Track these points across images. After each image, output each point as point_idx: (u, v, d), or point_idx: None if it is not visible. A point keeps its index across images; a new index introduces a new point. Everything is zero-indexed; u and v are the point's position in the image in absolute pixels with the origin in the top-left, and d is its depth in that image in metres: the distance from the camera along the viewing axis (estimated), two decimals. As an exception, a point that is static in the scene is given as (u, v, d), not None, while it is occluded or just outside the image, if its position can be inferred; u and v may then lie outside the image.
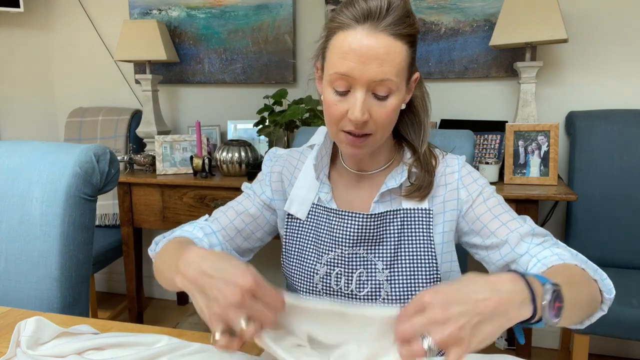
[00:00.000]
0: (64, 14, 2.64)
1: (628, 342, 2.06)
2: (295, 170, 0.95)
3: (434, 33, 2.10)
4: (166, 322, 2.45)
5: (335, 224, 0.88)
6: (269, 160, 0.99)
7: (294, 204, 0.92)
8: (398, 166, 0.88)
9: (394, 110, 0.78)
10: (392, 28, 0.73)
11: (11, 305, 1.06)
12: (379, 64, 0.73)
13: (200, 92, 2.53)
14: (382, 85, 0.74)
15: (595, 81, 1.99)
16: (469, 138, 1.26)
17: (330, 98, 0.77)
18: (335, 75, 0.75)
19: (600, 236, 1.85)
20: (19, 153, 1.12)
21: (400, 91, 0.78)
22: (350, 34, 0.74)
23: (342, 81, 0.75)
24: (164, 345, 0.72)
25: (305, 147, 0.98)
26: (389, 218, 0.87)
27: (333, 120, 0.79)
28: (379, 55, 0.73)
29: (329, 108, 0.78)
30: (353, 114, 0.74)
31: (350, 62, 0.73)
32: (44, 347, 0.73)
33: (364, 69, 0.73)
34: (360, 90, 0.74)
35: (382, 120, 0.77)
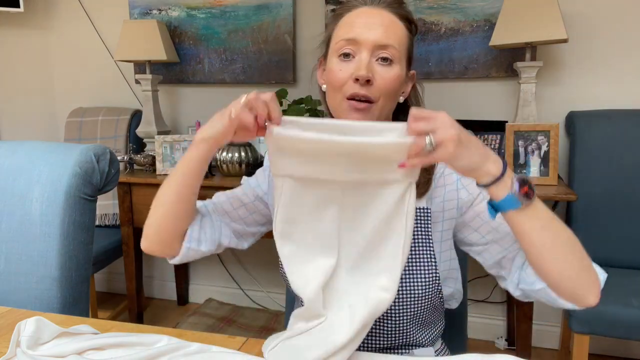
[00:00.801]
0: (64, 14, 2.65)
1: (628, 342, 2.06)
2: None
3: (434, 33, 2.10)
4: (166, 322, 2.45)
5: None
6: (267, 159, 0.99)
7: None
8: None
9: (396, 79, 0.81)
10: (393, 8, 0.82)
11: (11, 305, 1.06)
12: (383, 29, 0.79)
13: (200, 92, 2.53)
14: (385, 51, 0.79)
15: (595, 81, 1.99)
16: (469, 138, 1.26)
17: (335, 65, 0.82)
18: (342, 42, 0.81)
19: (601, 236, 1.85)
20: (19, 153, 1.12)
21: (402, 66, 0.82)
22: (355, 12, 0.82)
23: (348, 47, 0.80)
24: (164, 345, 0.72)
25: None
26: None
27: (337, 86, 0.82)
28: (383, 23, 0.80)
29: (333, 74, 0.82)
30: (359, 71, 0.78)
31: (357, 29, 0.80)
32: (44, 347, 0.73)
33: (369, 33, 0.79)
34: (365, 52, 0.79)
35: (384, 86, 0.80)
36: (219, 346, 0.75)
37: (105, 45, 2.60)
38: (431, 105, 0.88)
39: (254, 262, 2.57)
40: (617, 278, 1.66)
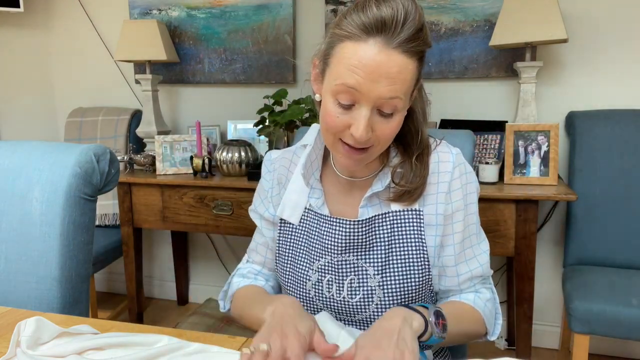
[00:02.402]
0: (64, 14, 2.65)
1: (628, 342, 2.06)
2: (289, 172, 0.93)
3: (434, 33, 2.10)
4: (166, 322, 2.45)
5: (324, 230, 0.87)
6: (267, 171, 0.97)
7: (286, 209, 0.91)
8: (385, 169, 0.86)
9: (397, 126, 0.75)
10: (406, 45, 0.69)
11: (11, 305, 1.06)
12: (389, 82, 0.69)
13: (200, 92, 2.53)
14: (389, 104, 0.71)
15: (595, 81, 1.99)
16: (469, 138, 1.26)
17: (332, 109, 0.73)
18: (342, 86, 0.70)
19: (600, 236, 1.85)
20: (19, 153, 1.12)
21: (405, 107, 0.76)
22: (360, 47, 0.69)
23: (348, 94, 0.71)
24: (164, 345, 0.72)
25: (299, 145, 0.95)
26: (378, 222, 0.84)
27: (332, 131, 0.75)
28: (390, 73, 0.68)
29: (329, 118, 0.74)
30: (357, 131, 0.71)
31: (359, 76, 0.69)
32: (44, 347, 0.73)
33: (373, 86, 0.69)
34: (366, 107, 0.71)
35: (384, 137, 0.75)
36: (219, 346, 0.75)
37: (105, 45, 2.60)
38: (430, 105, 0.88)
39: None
40: (617, 278, 1.66)
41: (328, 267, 0.86)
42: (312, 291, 0.88)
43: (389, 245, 0.84)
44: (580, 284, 1.62)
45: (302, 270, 0.89)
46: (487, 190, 1.68)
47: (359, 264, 0.85)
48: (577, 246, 1.88)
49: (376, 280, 0.84)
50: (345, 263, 0.86)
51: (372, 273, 0.84)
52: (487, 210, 1.68)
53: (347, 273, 0.85)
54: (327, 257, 0.86)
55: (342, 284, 0.85)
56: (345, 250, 0.85)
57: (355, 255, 0.85)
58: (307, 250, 0.89)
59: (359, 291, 0.85)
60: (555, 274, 2.14)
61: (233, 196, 1.94)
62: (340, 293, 0.86)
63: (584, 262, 1.87)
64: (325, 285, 0.86)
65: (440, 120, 2.09)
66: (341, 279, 0.86)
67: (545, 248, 2.14)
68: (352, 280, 0.85)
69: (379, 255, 0.84)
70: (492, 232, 1.68)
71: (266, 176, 0.97)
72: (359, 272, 0.85)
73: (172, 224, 2.06)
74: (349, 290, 0.85)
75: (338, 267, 0.86)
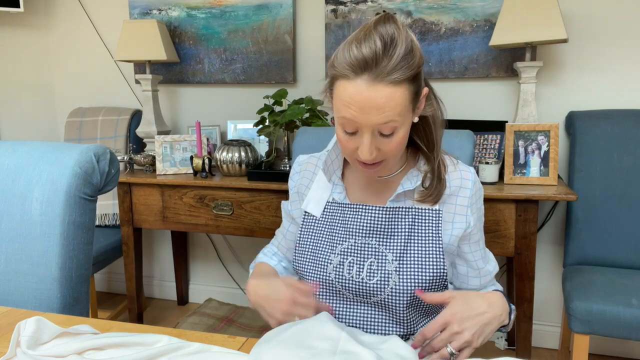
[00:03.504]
0: (64, 14, 2.65)
1: (628, 342, 2.07)
2: (313, 175, 1.02)
3: (434, 33, 2.10)
4: (166, 322, 2.45)
5: (349, 216, 0.94)
6: (294, 172, 1.07)
7: (310, 203, 1.00)
8: (412, 169, 0.93)
9: (402, 141, 0.82)
10: (390, 77, 0.74)
11: (11, 305, 1.06)
12: (379, 111, 0.76)
13: (200, 92, 2.53)
14: (386, 126, 0.78)
15: (595, 81, 1.99)
16: (469, 138, 1.26)
17: (342, 136, 0.83)
18: (342, 119, 0.80)
19: (600, 236, 1.85)
20: (19, 153, 1.12)
21: (407, 122, 0.82)
22: (351, 85, 0.76)
23: (349, 124, 0.80)
24: (164, 345, 0.72)
25: (324, 152, 1.05)
26: (401, 213, 0.92)
27: (346, 153, 0.86)
28: (378, 105, 0.75)
29: (341, 143, 0.84)
30: (362, 154, 0.80)
31: (353, 111, 0.77)
32: (44, 347, 0.73)
33: (366, 117, 0.77)
34: (367, 133, 0.79)
35: (391, 152, 0.83)
36: (219, 346, 0.75)
37: (105, 45, 2.60)
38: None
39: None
40: (617, 278, 1.66)
41: (350, 250, 0.94)
42: (333, 274, 0.94)
43: (408, 236, 0.92)
44: (580, 284, 1.62)
45: (323, 255, 0.95)
46: (487, 190, 1.68)
47: (380, 248, 0.92)
48: (577, 246, 1.88)
49: (394, 266, 0.90)
50: (368, 246, 0.93)
51: (391, 258, 0.91)
52: (487, 210, 1.68)
53: (368, 256, 0.93)
54: (350, 240, 0.94)
55: (363, 266, 0.92)
56: (369, 234, 0.93)
57: (378, 240, 0.93)
58: (329, 237, 0.96)
59: (377, 274, 0.91)
60: (555, 274, 2.14)
61: (233, 196, 1.94)
62: (360, 274, 0.92)
63: (584, 262, 1.87)
64: (347, 267, 0.93)
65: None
66: (362, 260, 0.93)
67: (545, 248, 2.14)
68: (371, 263, 0.92)
69: (398, 243, 0.92)
70: (492, 232, 1.68)
71: (293, 177, 1.07)
72: (379, 256, 0.92)
73: (172, 224, 2.06)
74: (368, 271, 0.92)
75: (360, 250, 0.93)
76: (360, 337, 0.75)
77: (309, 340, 0.70)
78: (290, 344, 0.70)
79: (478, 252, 0.97)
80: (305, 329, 0.74)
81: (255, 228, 1.94)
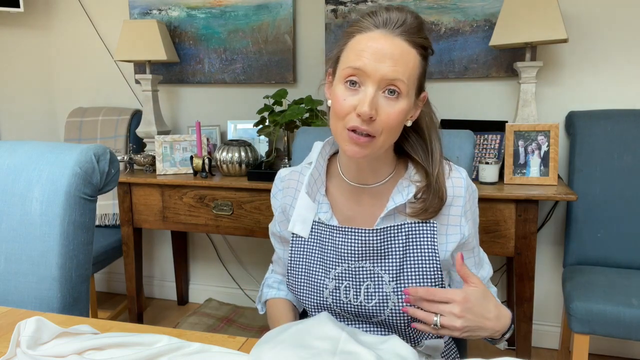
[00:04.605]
0: (64, 14, 2.65)
1: (628, 342, 2.06)
2: (296, 192, 0.97)
3: (434, 33, 2.10)
4: (166, 322, 2.45)
5: (339, 240, 0.90)
6: (277, 190, 1.02)
7: (297, 224, 0.94)
8: (402, 180, 0.89)
9: (401, 114, 0.79)
10: (407, 35, 0.78)
11: (11, 305, 1.06)
12: (393, 63, 0.76)
13: (200, 92, 2.53)
14: (392, 85, 0.77)
15: (595, 81, 1.99)
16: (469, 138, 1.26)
17: (341, 92, 0.79)
18: (349, 69, 0.78)
19: (600, 236, 1.85)
20: (19, 153, 1.12)
21: (409, 98, 0.80)
22: (368, 35, 0.78)
23: (355, 76, 0.78)
24: (164, 345, 0.72)
25: (305, 164, 0.98)
26: (394, 232, 0.88)
27: (340, 115, 0.80)
28: (393, 55, 0.76)
29: (337, 102, 0.80)
30: (362, 107, 0.76)
31: (365, 58, 0.76)
32: (44, 347, 0.73)
33: (377, 66, 0.76)
34: (372, 86, 0.77)
35: (388, 121, 0.78)
36: (218, 346, 0.75)
37: (105, 45, 2.60)
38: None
39: (253, 262, 2.57)
40: (617, 278, 1.66)
41: (345, 274, 0.90)
42: (330, 298, 0.91)
43: (403, 254, 0.88)
44: (580, 284, 1.62)
45: (318, 280, 0.92)
46: (487, 190, 1.68)
47: (375, 270, 0.89)
48: (577, 246, 1.88)
49: (391, 287, 0.88)
50: (362, 270, 0.90)
51: (387, 280, 0.88)
52: (487, 210, 1.68)
53: (364, 279, 0.89)
54: (344, 265, 0.90)
55: (359, 290, 0.90)
56: (362, 258, 0.89)
57: (372, 263, 0.89)
58: (321, 260, 0.92)
59: (375, 296, 0.89)
60: (555, 274, 2.14)
61: (233, 196, 1.94)
62: (357, 298, 0.90)
63: (584, 262, 1.87)
64: (343, 291, 0.91)
65: (440, 120, 2.09)
66: (358, 284, 0.90)
67: (545, 248, 2.14)
68: (368, 286, 0.89)
69: (394, 263, 0.88)
70: (492, 232, 1.69)
71: (276, 195, 1.01)
72: (375, 279, 0.89)
73: (172, 224, 2.06)
74: (365, 295, 0.89)
75: (355, 274, 0.90)
76: (360, 337, 0.75)
77: (309, 340, 0.70)
78: (290, 344, 0.70)
79: (471, 259, 0.94)
80: (305, 328, 0.74)
81: (255, 228, 1.94)
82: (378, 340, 0.76)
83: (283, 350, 0.68)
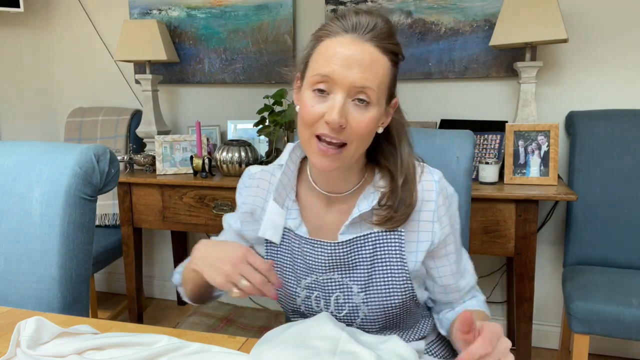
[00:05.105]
0: (64, 14, 2.64)
1: (628, 342, 2.06)
2: (268, 194, 0.93)
3: (434, 33, 2.10)
4: (166, 322, 2.45)
5: (307, 251, 0.88)
6: (243, 186, 0.96)
7: (268, 229, 0.91)
8: (369, 187, 0.86)
9: (372, 122, 0.76)
10: (378, 40, 0.76)
11: (11, 305, 1.06)
12: (362, 70, 0.74)
13: (200, 92, 2.52)
14: (362, 93, 0.75)
15: (595, 81, 1.99)
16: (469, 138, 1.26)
17: (309, 99, 0.76)
18: (317, 76, 0.75)
19: (600, 236, 1.85)
20: (19, 153, 1.12)
21: (380, 106, 0.77)
22: (337, 40, 0.76)
23: (323, 83, 0.75)
24: (164, 345, 0.72)
25: (276, 165, 0.95)
26: (360, 243, 0.86)
27: (308, 123, 0.77)
28: (363, 61, 0.74)
29: (305, 109, 0.77)
30: (331, 115, 0.73)
31: (334, 65, 0.74)
32: (44, 347, 0.73)
33: (347, 72, 0.73)
34: (341, 94, 0.74)
35: (359, 130, 0.75)
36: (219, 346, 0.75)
37: (105, 45, 2.60)
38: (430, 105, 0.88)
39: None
40: (617, 278, 1.66)
41: (315, 285, 0.90)
42: (303, 306, 0.92)
43: (371, 265, 0.86)
44: (580, 284, 1.62)
45: (291, 288, 0.91)
46: (487, 190, 1.68)
47: (344, 281, 0.88)
48: (577, 246, 1.88)
49: (360, 298, 0.87)
50: (331, 281, 0.89)
51: (357, 290, 0.87)
52: (487, 210, 1.68)
53: (333, 290, 0.89)
54: (312, 276, 0.89)
55: (329, 300, 0.89)
56: (330, 269, 0.88)
57: (340, 274, 0.88)
58: (292, 268, 0.91)
59: (345, 307, 0.88)
60: (555, 274, 2.14)
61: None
62: (328, 308, 0.89)
63: (584, 262, 1.87)
64: (314, 300, 0.90)
65: (440, 120, 2.09)
66: (328, 295, 0.89)
67: (545, 248, 2.14)
68: (337, 297, 0.89)
69: (362, 274, 0.87)
70: (492, 232, 1.69)
71: (242, 191, 0.96)
72: (344, 290, 0.88)
73: (172, 224, 2.05)
74: (335, 306, 0.89)
75: (324, 285, 0.89)
76: (360, 337, 0.75)
77: (309, 340, 0.71)
78: (290, 344, 0.70)
79: (447, 267, 0.89)
80: (306, 329, 0.74)
81: (255, 228, 1.94)
82: (378, 340, 0.76)
83: (283, 350, 0.68)
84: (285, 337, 0.72)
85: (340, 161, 0.78)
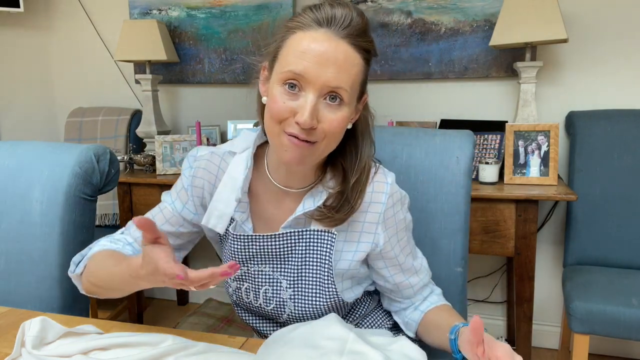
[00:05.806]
0: (64, 14, 2.64)
1: (628, 342, 2.07)
2: (216, 179, 0.88)
3: (434, 33, 2.10)
4: (166, 322, 2.45)
5: (244, 243, 0.87)
6: (189, 167, 0.89)
7: (212, 218, 0.87)
8: (318, 185, 0.84)
9: (343, 121, 0.75)
10: (353, 38, 0.73)
11: (11, 305, 1.05)
12: (336, 69, 0.71)
13: (200, 92, 2.52)
14: (335, 93, 0.72)
15: (595, 81, 1.99)
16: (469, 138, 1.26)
17: (278, 94, 0.73)
18: (289, 72, 0.72)
19: (600, 236, 1.85)
20: (19, 153, 1.12)
21: (351, 106, 0.76)
22: (310, 34, 0.72)
23: (295, 81, 0.72)
24: (169, 345, 0.72)
25: (227, 151, 0.89)
26: (295, 238, 0.85)
27: (277, 119, 0.73)
28: (337, 60, 0.71)
29: (274, 105, 0.73)
30: (302, 116, 0.71)
31: (307, 62, 0.71)
32: (49, 347, 0.73)
33: (320, 71, 0.70)
34: (313, 93, 0.71)
35: (330, 129, 0.73)
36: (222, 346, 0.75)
37: (105, 45, 2.60)
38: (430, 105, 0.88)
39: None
40: (617, 278, 1.66)
41: (245, 276, 0.89)
42: (234, 296, 0.93)
43: (302, 262, 0.86)
44: (580, 284, 1.62)
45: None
46: (487, 190, 1.68)
47: (274, 275, 0.88)
48: (577, 246, 1.88)
49: (288, 293, 0.88)
50: (261, 273, 0.89)
51: (285, 285, 0.88)
52: (487, 210, 1.68)
53: (262, 283, 0.89)
54: (243, 268, 0.89)
55: (259, 293, 0.89)
56: (262, 262, 0.88)
57: (271, 267, 0.88)
58: (228, 259, 0.89)
59: (273, 301, 0.89)
60: (555, 274, 2.14)
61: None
62: (257, 300, 0.90)
63: (584, 262, 1.87)
64: (244, 292, 0.91)
65: (440, 120, 2.09)
66: (257, 288, 0.89)
67: (545, 248, 2.14)
68: (266, 290, 0.89)
69: (292, 269, 0.87)
70: (492, 232, 1.69)
71: (185, 172, 0.90)
72: (274, 283, 0.88)
73: (172, 224, 2.05)
74: (264, 299, 0.89)
75: (255, 277, 0.89)
76: (368, 338, 0.75)
77: (317, 340, 0.70)
78: (298, 344, 0.69)
79: (396, 267, 0.89)
80: (313, 329, 0.74)
81: (256, 228, 1.94)
82: (387, 341, 0.76)
83: (291, 350, 0.68)
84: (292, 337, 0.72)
85: (309, 157, 0.76)
